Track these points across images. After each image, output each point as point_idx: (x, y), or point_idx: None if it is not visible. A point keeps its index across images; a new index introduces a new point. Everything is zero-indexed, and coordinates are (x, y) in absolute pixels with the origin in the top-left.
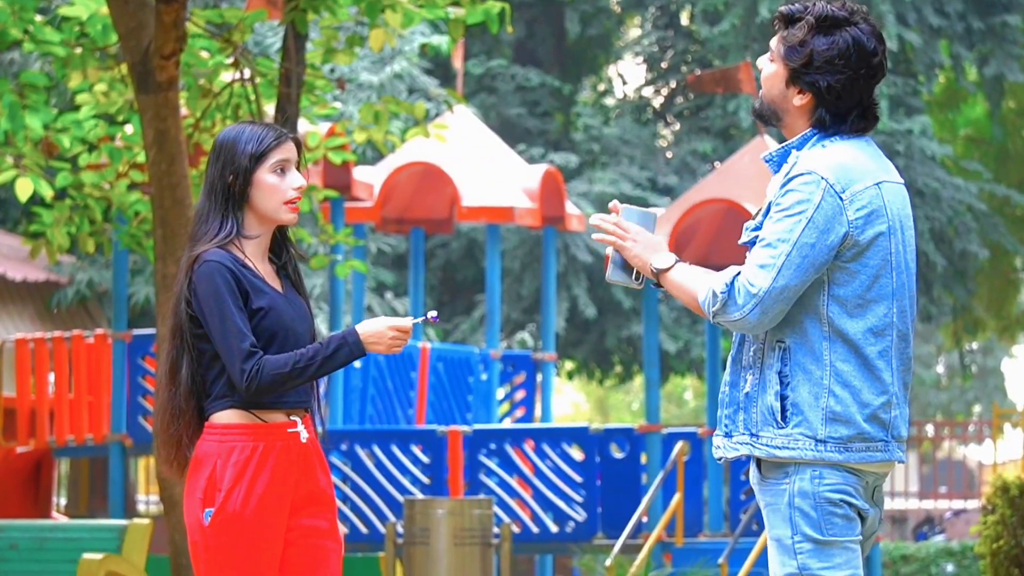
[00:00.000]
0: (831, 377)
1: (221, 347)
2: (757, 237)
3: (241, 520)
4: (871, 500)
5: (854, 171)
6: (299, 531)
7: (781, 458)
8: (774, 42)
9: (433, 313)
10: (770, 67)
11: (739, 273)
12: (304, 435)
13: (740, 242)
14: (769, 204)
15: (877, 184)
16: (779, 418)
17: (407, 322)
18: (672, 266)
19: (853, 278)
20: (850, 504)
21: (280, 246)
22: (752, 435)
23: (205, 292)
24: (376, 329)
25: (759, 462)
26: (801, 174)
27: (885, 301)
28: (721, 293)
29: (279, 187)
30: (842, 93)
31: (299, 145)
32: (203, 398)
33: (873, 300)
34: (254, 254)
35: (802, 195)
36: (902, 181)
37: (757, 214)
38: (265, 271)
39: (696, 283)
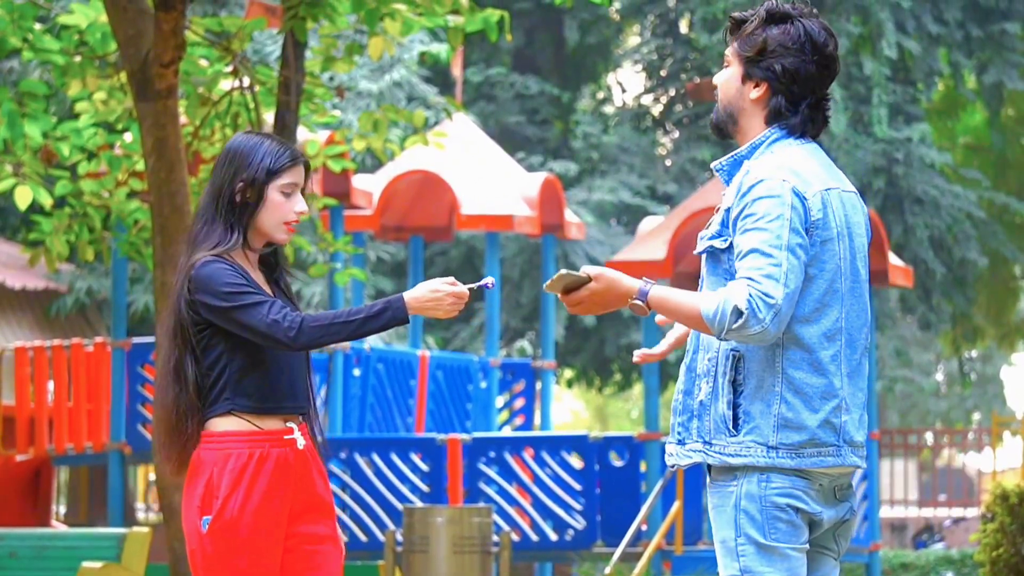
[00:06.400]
0: (783, 384)
1: (251, 319)
2: (713, 247)
3: (238, 527)
4: (832, 499)
5: (804, 175)
6: (298, 538)
7: (734, 465)
8: (728, 50)
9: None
10: (725, 73)
11: (749, 288)
12: (301, 442)
13: (696, 252)
14: (726, 216)
15: (825, 190)
16: (731, 426)
17: (462, 288)
18: (648, 289)
19: (811, 282)
20: (797, 509)
21: (269, 257)
22: (705, 442)
23: (216, 281)
24: (430, 295)
25: (710, 466)
26: (761, 181)
27: (836, 306)
28: (746, 310)
29: (283, 207)
30: (796, 76)
31: (308, 170)
32: (205, 401)
33: (828, 304)
34: (250, 265)
35: (773, 201)
36: (854, 190)
37: (710, 224)
38: (259, 281)
39: (688, 299)
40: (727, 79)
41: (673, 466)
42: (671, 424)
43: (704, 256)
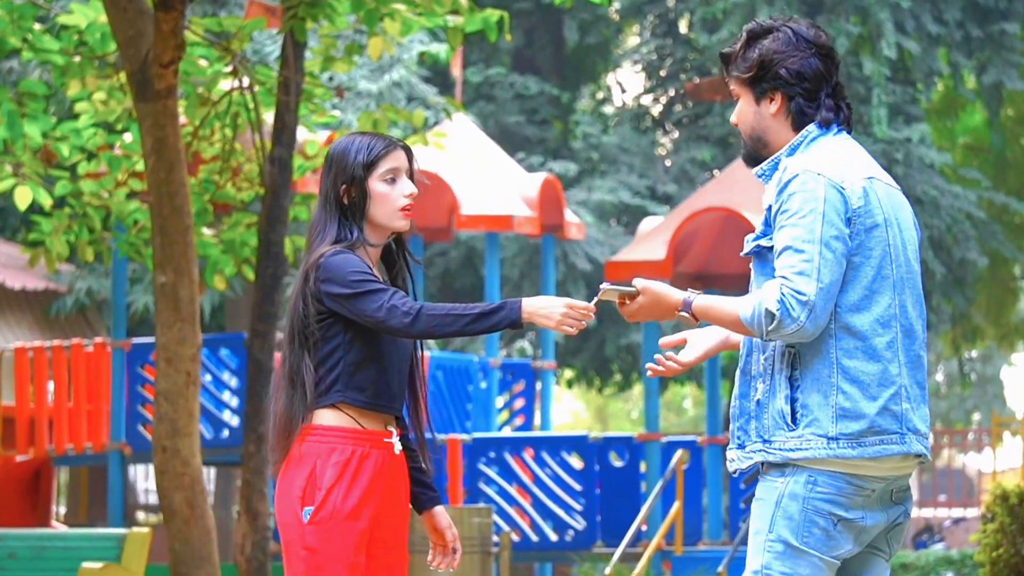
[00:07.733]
0: (838, 374)
1: (370, 305)
2: (760, 247)
3: (340, 518)
4: (888, 502)
5: (842, 166)
6: (377, 542)
7: (795, 460)
8: (732, 86)
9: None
10: (738, 107)
11: (781, 287)
12: (398, 447)
13: (743, 253)
14: (768, 214)
15: (868, 179)
16: (789, 420)
17: (584, 303)
18: (692, 300)
19: (858, 270)
20: (838, 519)
21: (392, 256)
22: (765, 441)
23: (344, 269)
24: (549, 303)
25: (762, 463)
26: (796, 176)
27: (888, 292)
28: (778, 311)
29: (390, 195)
30: (804, 74)
31: (409, 153)
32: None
33: (878, 291)
34: (371, 262)
35: (807, 195)
36: (897, 186)
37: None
38: (381, 277)
39: (729, 305)
40: (741, 110)
41: (735, 471)
42: (731, 430)
43: (752, 257)
